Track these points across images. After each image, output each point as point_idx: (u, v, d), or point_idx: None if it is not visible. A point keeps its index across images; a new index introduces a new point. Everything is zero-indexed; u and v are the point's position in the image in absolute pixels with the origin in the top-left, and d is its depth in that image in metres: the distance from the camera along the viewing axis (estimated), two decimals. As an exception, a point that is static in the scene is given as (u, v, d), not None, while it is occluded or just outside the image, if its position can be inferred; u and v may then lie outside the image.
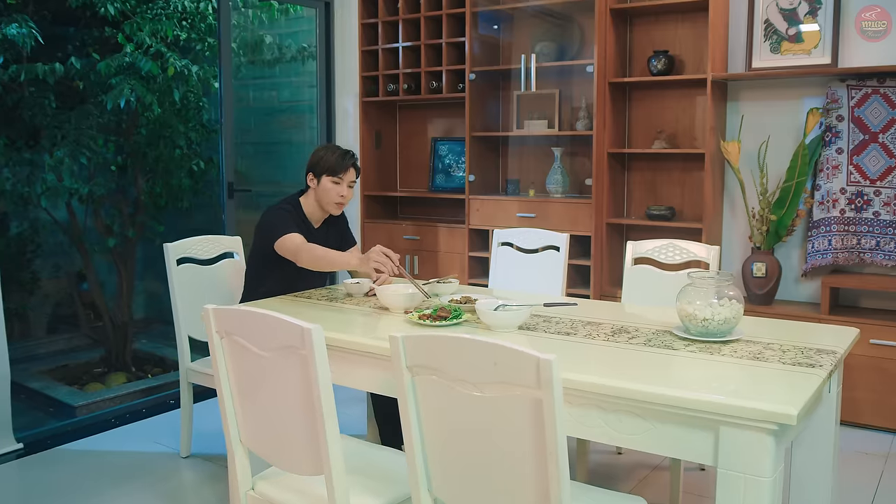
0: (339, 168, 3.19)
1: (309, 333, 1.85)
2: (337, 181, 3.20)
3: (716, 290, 2.41)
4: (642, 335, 2.46)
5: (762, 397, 1.85)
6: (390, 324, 2.69)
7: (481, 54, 4.84)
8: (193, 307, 3.47)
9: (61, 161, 4.89)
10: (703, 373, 2.12)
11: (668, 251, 3.48)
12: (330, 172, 3.19)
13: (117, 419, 4.11)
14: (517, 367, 1.63)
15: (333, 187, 3.21)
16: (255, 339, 2.01)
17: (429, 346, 1.78)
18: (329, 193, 3.21)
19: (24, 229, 5.40)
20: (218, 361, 2.12)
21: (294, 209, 3.25)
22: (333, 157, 3.20)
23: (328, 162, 3.19)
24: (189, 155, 5.62)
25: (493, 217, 4.71)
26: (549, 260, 3.69)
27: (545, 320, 2.67)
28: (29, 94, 4.98)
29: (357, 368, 2.49)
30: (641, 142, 4.60)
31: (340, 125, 5.46)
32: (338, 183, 3.21)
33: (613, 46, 4.43)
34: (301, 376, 1.93)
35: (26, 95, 4.97)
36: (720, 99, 4.28)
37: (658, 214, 4.41)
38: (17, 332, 5.64)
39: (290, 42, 5.62)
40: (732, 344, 2.33)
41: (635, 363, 2.19)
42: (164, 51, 5.07)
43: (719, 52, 4.22)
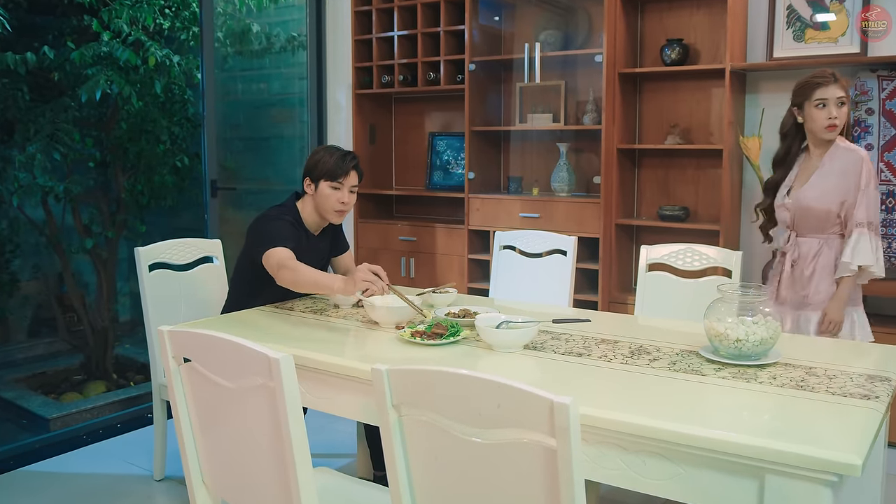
0: (338, 172, 2.87)
1: (277, 364, 1.56)
2: (337, 186, 2.88)
3: (750, 306, 2.12)
4: (665, 356, 2.16)
5: (816, 440, 1.56)
6: (379, 342, 2.40)
7: (482, 43, 4.58)
8: (168, 317, 3.18)
9: (33, 157, 4.58)
10: (739, 406, 1.82)
11: (686, 256, 3.19)
12: (329, 177, 2.87)
13: (89, 435, 3.83)
14: (526, 410, 1.34)
15: (333, 193, 2.89)
16: (217, 367, 1.72)
17: (418, 382, 1.48)
18: (328, 200, 2.89)
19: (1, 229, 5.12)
20: (175, 391, 1.83)
21: (294, 218, 2.93)
22: (332, 160, 2.88)
23: (326, 165, 2.87)
24: (173, 151, 5.32)
25: (495, 217, 4.42)
26: (555, 265, 3.40)
27: (554, 338, 2.37)
28: (1, 86, 4.68)
29: (340, 394, 2.19)
30: (653, 137, 4.33)
31: (332, 119, 5.19)
32: (337, 188, 2.89)
33: (624, 34, 4.14)
34: (268, 411, 1.64)
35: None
36: (739, 91, 3.98)
37: (671, 215, 4.13)
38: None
39: (278, 31, 5.32)
40: (769, 368, 2.04)
41: (660, 393, 1.89)
42: (145, 40, 4.76)
43: (738, 40, 3.92)
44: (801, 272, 2.90)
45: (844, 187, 2.79)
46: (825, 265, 2.86)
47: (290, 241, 2.81)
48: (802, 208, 2.87)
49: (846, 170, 2.80)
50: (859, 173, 2.78)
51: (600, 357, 2.16)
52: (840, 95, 2.79)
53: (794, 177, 2.94)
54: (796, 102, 2.90)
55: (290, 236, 2.83)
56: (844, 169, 2.81)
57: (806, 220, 2.88)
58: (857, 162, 2.79)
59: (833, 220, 2.84)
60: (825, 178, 2.83)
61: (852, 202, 2.78)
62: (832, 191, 2.81)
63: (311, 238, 2.99)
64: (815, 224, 2.87)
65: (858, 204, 2.77)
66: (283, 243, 2.76)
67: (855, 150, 2.84)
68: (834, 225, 2.85)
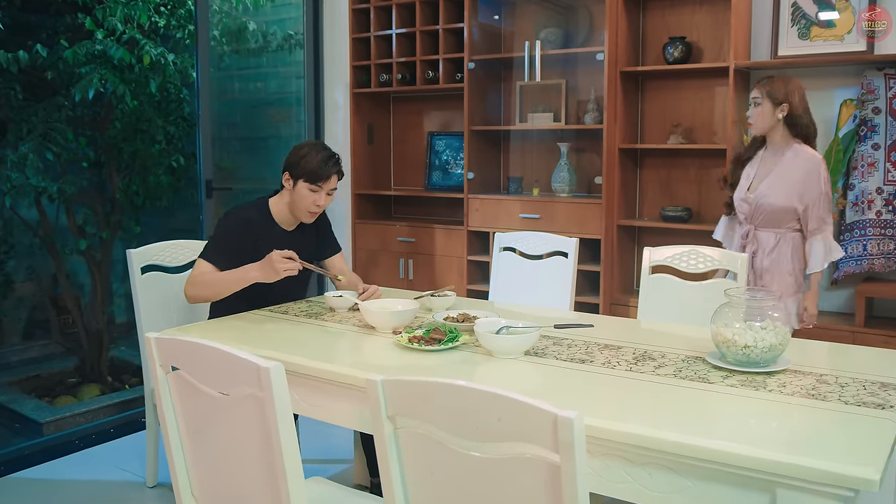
0: (320, 175, 2.76)
1: (267, 374, 1.49)
2: (315, 189, 2.78)
3: (758, 311, 2.05)
4: (670, 363, 2.09)
5: (830, 453, 1.49)
6: (375, 347, 2.33)
7: (481, 41, 4.51)
8: (160, 321, 3.11)
9: (25, 157, 4.51)
10: (749, 416, 1.75)
11: (690, 258, 3.12)
12: (309, 178, 2.76)
13: (82, 440, 3.75)
14: (528, 424, 1.27)
15: (310, 195, 2.78)
16: (205, 376, 1.65)
17: (415, 393, 1.41)
18: (304, 200, 2.79)
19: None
20: (163, 400, 1.76)
21: (258, 215, 2.83)
22: (315, 162, 2.76)
23: (308, 166, 2.76)
24: (168, 150, 5.24)
25: (494, 218, 4.35)
26: (556, 267, 3.33)
27: (556, 343, 2.30)
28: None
29: (334, 401, 2.12)
30: (656, 136, 4.26)
31: (330, 118, 5.12)
32: (316, 191, 2.79)
33: (626, 32, 4.08)
34: (259, 421, 1.57)
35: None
36: (742, 90, 3.92)
37: (674, 216, 4.06)
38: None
39: (275, 29, 5.25)
40: (778, 376, 1.97)
41: (665, 402, 1.83)
42: (139, 38, 4.69)
43: (742, 38, 3.86)
44: (759, 263, 3.14)
45: (804, 188, 3.03)
46: (781, 258, 3.11)
47: (231, 251, 2.73)
48: (763, 204, 3.09)
49: (806, 172, 3.03)
50: (819, 177, 3.03)
51: (604, 363, 2.09)
52: (755, 96, 3.09)
53: (755, 174, 3.18)
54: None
55: (234, 246, 2.74)
56: (805, 171, 3.04)
57: (765, 214, 3.11)
58: (817, 166, 3.04)
59: (791, 216, 3.08)
60: (786, 177, 3.06)
61: (814, 204, 3.04)
62: (792, 190, 3.04)
63: (283, 234, 2.88)
64: (774, 219, 3.10)
65: (822, 207, 3.05)
66: (216, 256, 2.71)
67: (814, 155, 3.08)
68: (791, 221, 3.09)
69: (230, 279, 2.66)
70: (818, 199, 3.03)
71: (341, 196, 5.11)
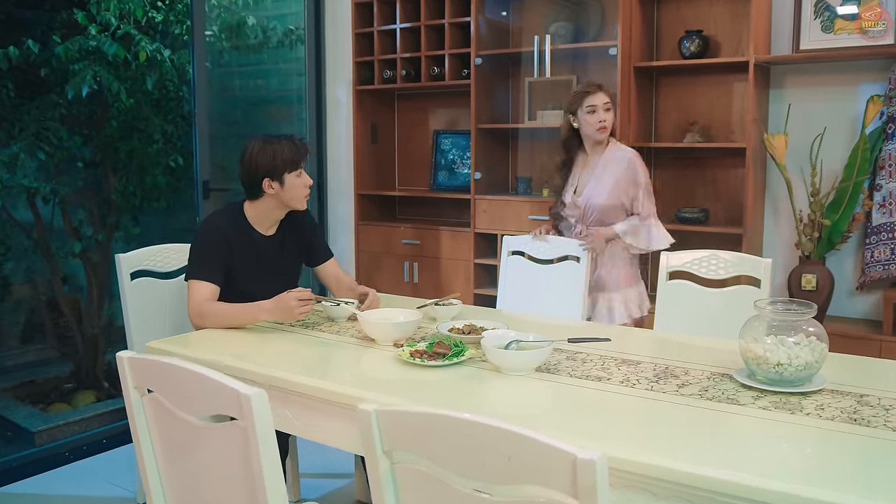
0: (299, 156, 2.65)
1: (248, 401, 1.33)
2: (299, 172, 2.67)
3: (791, 325, 1.88)
4: (694, 381, 1.92)
5: (877, 489, 1.32)
6: (375, 361, 2.16)
7: (488, 36, 4.36)
8: (151, 330, 2.95)
9: (16, 157, 4.36)
10: (784, 444, 1.59)
11: (710, 264, 2.94)
12: (292, 167, 2.64)
13: (72, 452, 3.60)
14: (543, 464, 1.11)
15: (298, 180, 2.66)
16: (182, 401, 1.49)
17: (413, 425, 1.25)
18: (297, 189, 2.66)
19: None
20: (137, 425, 1.60)
21: (231, 222, 2.67)
22: (288, 151, 2.63)
23: (286, 156, 2.62)
24: (166, 150, 5.09)
25: (502, 219, 4.19)
26: (567, 272, 3.17)
27: (569, 357, 2.13)
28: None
29: (330, 421, 1.96)
30: (671, 135, 4.09)
31: (332, 117, 4.97)
32: (300, 174, 2.67)
33: (640, 26, 3.91)
34: (239, 451, 1.41)
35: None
36: (763, 86, 3.74)
37: (690, 218, 3.89)
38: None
39: (275, 24, 5.09)
40: (815, 396, 1.80)
41: (692, 427, 1.66)
42: (135, 33, 4.53)
43: (762, 31, 3.68)
44: (597, 259, 3.18)
45: (625, 183, 3.14)
46: (617, 251, 3.19)
47: (215, 262, 2.59)
48: (593, 205, 3.17)
49: (623, 168, 3.15)
50: (635, 171, 3.15)
51: (622, 381, 1.92)
52: (606, 101, 3.15)
53: (578, 177, 3.25)
54: (570, 111, 3.21)
55: (218, 257, 2.60)
56: (622, 167, 3.15)
57: (597, 214, 3.18)
58: (631, 161, 3.16)
59: (620, 212, 3.17)
60: (607, 176, 3.16)
61: (636, 197, 3.15)
62: (616, 187, 3.14)
63: (263, 240, 2.71)
64: (605, 217, 3.17)
65: (643, 199, 3.16)
66: (204, 274, 2.56)
67: (626, 150, 3.21)
68: (620, 215, 3.18)
69: (239, 317, 2.51)
70: (640, 192, 3.15)
71: (343, 197, 4.97)
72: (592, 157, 3.24)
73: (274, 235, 2.74)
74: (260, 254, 2.68)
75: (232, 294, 2.60)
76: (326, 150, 5.02)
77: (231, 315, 2.50)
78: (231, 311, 2.50)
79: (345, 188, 4.93)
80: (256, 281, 2.63)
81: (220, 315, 2.50)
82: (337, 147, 4.97)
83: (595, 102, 3.13)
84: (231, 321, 2.50)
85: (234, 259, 2.62)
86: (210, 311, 2.50)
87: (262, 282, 2.60)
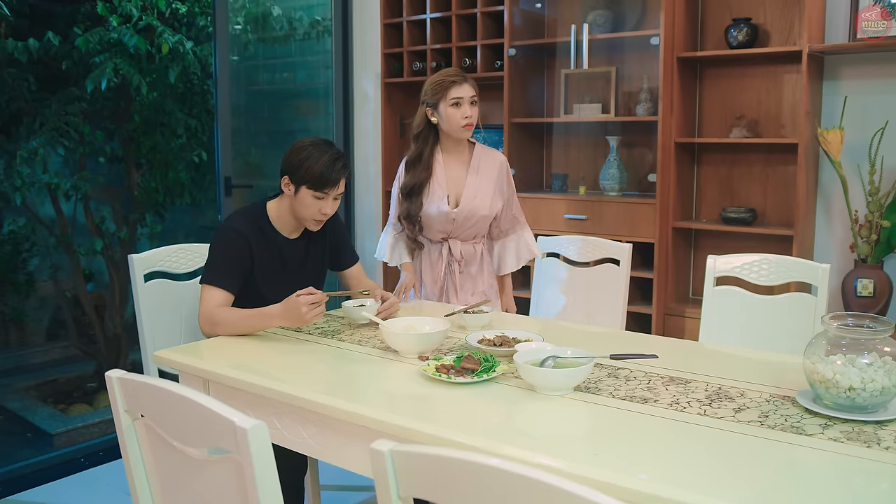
0: (326, 181, 2.38)
1: (244, 435, 1.16)
2: (321, 196, 2.41)
3: (863, 344, 1.67)
4: (753, 405, 1.72)
5: None
6: (397, 377, 1.99)
7: (523, 26, 4.19)
8: (166, 335, 2.82)
9: (35, 152, 4.26)
10: (862, 484, 1.38)
11: (762, 268, 2.73)
12: (314, 185, 2.38)
13: (87, 458, 3.50)
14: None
15: (315, 203, 2.41)
16: (174, 430, 1.32)
17: (434, 470, 1.07)
18: (308, 209, 2.43)
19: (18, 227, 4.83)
20: (129, 451, 1.44)
21: (252, 225, 2.48)
22: (319, 165, 2.37)
23: (312, 172, 2.37)
24: (191, 145, 4.97)
25: (536, 219, 4.01)
26: (606, 276, 2.98)
27: (611, 374, 1.94)
28: (7, 76, 4.37)
29: (349, 442, 1.79)
30: (716, 130, 3.88)
31: (360, 111, 4.82)
32: (321, 198, 2.41)
33: (683, 14, 3.70)
34: (236, 486, 1.24)
35: (4, 77, 4.36)
36: (816, 77, 3.51)
37: (736, 218, 3.67)
38: (13, 340, 5.10)
39: (301, 15, 4.94)
40: (892, 426, 1.59)
41: (754, 461, 1.45)
42: (157, 25, 4.41)
43: (816, 18, 3.45)
44: (466, 272, 2.93)
45: (499, 191, 2.91)
46: (484, 263, 2.95)
47: (233, 268, 2.42)
48: (474, 216, 2.88)
49: (497, 174, 2.91)
50: (506, 176, 2.94)
51: (670, 404, 1.72)
52: (473, 95, 2.80)
53: (446, 184, 2.88)
54: (430, 103, 2.83)
55: (234, 261, 2.42)
56: (495, 173, 2.91)
57: (474, 227, 2.90)
58: (503, 165, 2.94)
59: (488, 222, 2.94)
60: (483, 184, 2.88)
61: (507, 204, 2.95)
62: (493, 196, 2.89)
63: (286, 243, 2.53)
64: (479, 230, 2.93)
65: (515, 205, 2.99)
66: (219, 281, 2.39)
67: (496, 153, 2.95)
68: (487, 226, 2.96)
69: (250, 324, 2.33)
70: (511, 198, 2.97)
71: (370, 194, 4.81)
72: (455, 158, 2.89)
73: (298, 239, 2.56)
74: (283, 258, 2.51)
75: (254, 298, 2.43)
76: (354, 145, 4.87)
77: (241, 322, 2.33)
78: (241, 317, 2.33)
79: (372, 185, 4.77)
80: (279, 285, 2.45)
81: (230, 322, 2.33)
82: (364, 142, 4.82)
83: (461, 94, 2.75)
84: (241, 328, 2.33)
85: (254, 263, 2.45)
86: (220, 317, 2.33)
87: (285, 286, 2.41)
